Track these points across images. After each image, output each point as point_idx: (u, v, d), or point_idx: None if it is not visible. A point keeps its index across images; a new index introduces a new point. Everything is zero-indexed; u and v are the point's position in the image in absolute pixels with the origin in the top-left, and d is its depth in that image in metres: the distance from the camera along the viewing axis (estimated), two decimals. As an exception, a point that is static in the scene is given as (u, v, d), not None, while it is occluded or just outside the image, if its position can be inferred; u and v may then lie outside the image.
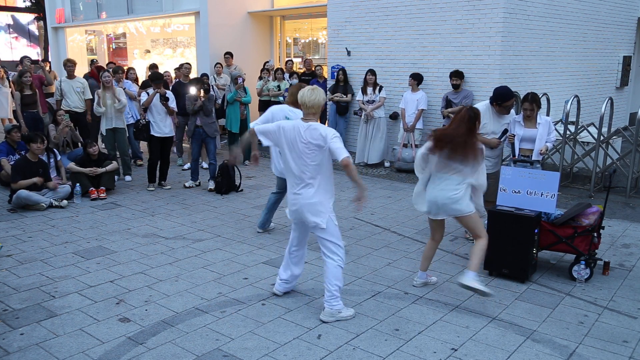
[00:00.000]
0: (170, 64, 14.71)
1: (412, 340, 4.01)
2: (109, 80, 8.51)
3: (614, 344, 3.97)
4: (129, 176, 8.97)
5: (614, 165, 8.14)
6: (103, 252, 5.74)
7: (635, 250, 5.89)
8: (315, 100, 4.17)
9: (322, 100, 4.20)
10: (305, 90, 4.22)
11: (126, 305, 4.50)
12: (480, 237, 4.58)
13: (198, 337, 4.01)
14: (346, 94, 10.73)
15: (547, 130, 5.88)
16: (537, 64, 9.81)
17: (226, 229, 6.53)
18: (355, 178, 4.17)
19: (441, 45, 9.58)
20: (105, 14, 16.41)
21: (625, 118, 13.22)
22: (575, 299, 4.71)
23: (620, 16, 12.08)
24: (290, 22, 14.47)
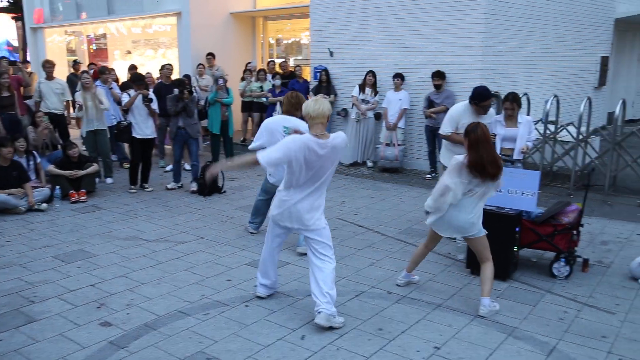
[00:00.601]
0: (151, 65, 14.60)
1: (396, 339, 4.03)
2: (88, 81, 8.42)
3: (593, 340, 4.03)
4: (110, 178, 8.88)
5: (593, 163, 8.26)
6: (84, 255, 5.67)
7: (614, 247, 5.98)
8: (320, 110, 4.05)
9: (327, 109, 4.08)
10: (309, 102, 4.10)
11: (107, 309, 4.46)
12: (488, 260, 4.49)
13: (181, 340, 3.98)
14: (329, 94, 10.74)
15: (528, 129, 5.95)
16: (518, 64, 9.91)
17: (209, 231, 6.50)
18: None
19: (423, 45, 9.64)
20: (85, 15, 16.23)
21: (603, 117, 13.43)
22: (555, 296, 4.77)
23: (598, 17, 12.26)
24: (273, 23, 14.45)
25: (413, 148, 9.97)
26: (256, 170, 9.75)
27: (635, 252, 5.60)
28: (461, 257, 5.57)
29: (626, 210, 7.40)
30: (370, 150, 10.19)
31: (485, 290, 4.43)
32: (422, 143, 9.57)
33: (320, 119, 4.08)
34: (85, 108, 8.35)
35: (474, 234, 4.47)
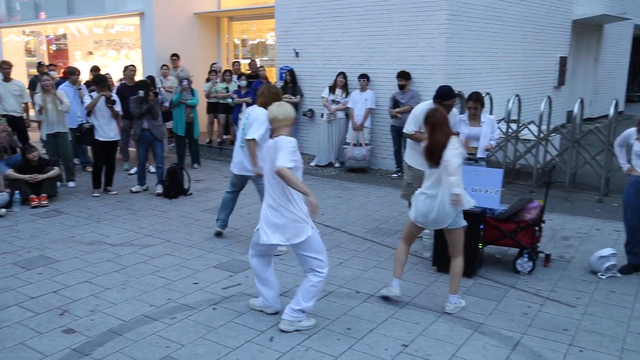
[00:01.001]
0: (114, 66, 14.34)
1: (364, 338, 4.05)
2: (49, 84, 8.22)
3: (555, 333, 4.13)
4: (73, 182, 8.69)
5: (553, 161, 8.46)
6: (45, 261, 5.53)
7: (574, 243, 6.14)
8: (287, 113, 4.15)
9: (292, 112, 4.20)
10: (274, 107, 4.16)
11: (71, 316, 4.36)
12: (459, 256, 4.48)
13: (147, 345, 3.92)
14: (295, 95, 10.75)
15: (491, 128, 6.06)
16: (480, 64, 10.09)
17: (175, 234, 6.42)
18: (296, 186, 3.99)
19: (388, 46, 9.73)
20: (44, 14, 15.83)
21: (563, 116, 13.77)
22: (519, 291, 4.87)
23: (556, 19, 12.58)
24: (238, 24, 14.35)
25: (379, 148, 10.04)
26: (223, 172, 9.68)
27: (595, 247, 5.76)
28: (427, 255, 5.64)
29: (586, 206, 7.61)
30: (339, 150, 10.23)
31: (452, 287, 4.48)
32: (388, 143, 9.65)
33: (287, 122, 4.16)
34: (45, 110, 8.15)
35: (447, 225, 4.40)
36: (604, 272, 5.16)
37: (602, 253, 5.21)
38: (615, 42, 16.61)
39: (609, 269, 5.16)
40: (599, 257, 5.20)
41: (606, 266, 5.15)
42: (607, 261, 5.16)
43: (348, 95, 9.96)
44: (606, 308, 4.56)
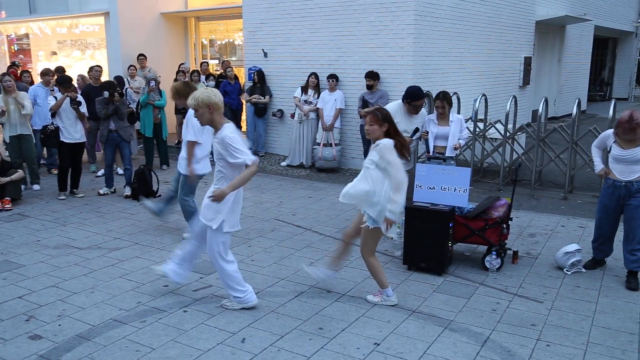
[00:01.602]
0: (79, 67, 14.06)
1: (336, 337, 4.07)
2: (10, 85, 8.01)
3: (523, 328, 4.22)
4: (37, 185, 8.49)
5: (519, 159, 8.63)
6: (9, 266, 5.39)
7: (540, 239, 6.27)
8: (221, 98, 4.22)
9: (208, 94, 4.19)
10: (209, 93, 4.15)
11: (37, 322, 4.27)
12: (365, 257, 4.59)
13: (117, 350, 3.86)
14: (264, 95, 10.72)
15: (460, 127, 6.15)
16: (448, 64, 10.22)
17: (144, 236, 6.34)
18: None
19: (356, 46, 9.78)
20: (5, 13, 15.43)
21: (528, 115, 14.06)
22: (488, 288, 4.96)
23: (520, 20, 12.83)
24: (205, 24, 14.24)
25: (349, 147, 10.09)
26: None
27: (560, 243, 5.90)
28: (398, 254, 5.69)
29: (551, 204, 7.78)
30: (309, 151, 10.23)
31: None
32: (358, 142, 9.71)
33: (222, 108, 4.24)
34: (7, 112, 7.95)
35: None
36: (569, 267, 5.29)
37: (568, 249, 5.33)
38: (577, 42, 17.04)
39: (574, 264, 5.29)
40: (565, 253, 5.33)
41: (571, 262, 5.28)
42: (572, 257, 5.29)
43: (319, 95, 9.98)
44: (572, 303, 4.67)
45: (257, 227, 6.72)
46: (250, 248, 5.98)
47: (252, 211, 7.40)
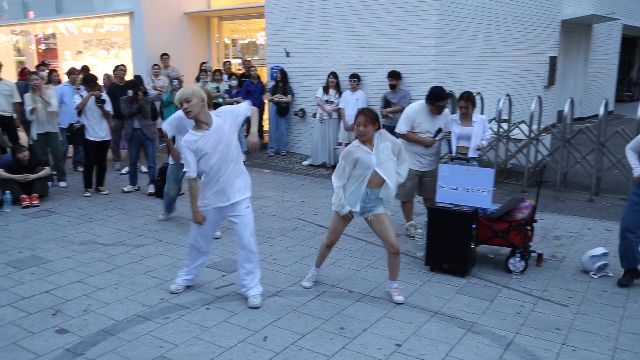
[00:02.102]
0: (104, 66, 14.26)
1: (357, 337, 4.06)
2: (37, 83, 8.15)
3: (548, 332, 4.16)
4: (64, 182, 8.63)
5: (544, 160, 8.52)
6: (37, 261, 5.49)
7: (566, 242, 6.18)
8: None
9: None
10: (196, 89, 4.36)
11: (63, 316, 4.34)
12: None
13: (141, 345, 3.91)
14: (286, 94, 10.75)
15: (483, 128, 6.08)
16: (471, 64, 10.13)
17: (167, 234, 6.40)
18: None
19: (378, 46, 9.74)
20: (33, 14, 15.71)
21: (553, 116, 13.88)
22: (512, 291, 4.90)
23: (546, 19, 12.67)
24: (228, 23, 14.32)
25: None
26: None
27: (586, 246, 5.81)
28: (420, 255, 5.66)
29: (577, 206, 7.67)
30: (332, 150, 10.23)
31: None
32: (380, 142, 9.66)
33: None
34: (35, 110, 8.09)
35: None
36: (595, 271, 5.20)
37: (594, 252, 5.24)
38: (605, 42, 16.75)
39: (600, 268, 5.20)
40: (591, 257, 5.24)
41: (598, 265, 5.19)
42: (598, 260, 5.20)
43: (341, 94, 9.97)
44: (598, 307, 4.59)
45: (279, 226, 6.74)
46: (272, 247, 6.00)
47: (274, 210, 7.42)
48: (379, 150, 4.45)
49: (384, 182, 4.47)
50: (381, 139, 4.49)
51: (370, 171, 4.43)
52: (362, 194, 4.49)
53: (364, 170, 4.44)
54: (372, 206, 4.54)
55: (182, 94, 4.29)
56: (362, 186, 4.47)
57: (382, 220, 4.56)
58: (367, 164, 4.42)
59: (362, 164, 4.43)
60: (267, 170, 10.13)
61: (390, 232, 4.55)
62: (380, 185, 4.48)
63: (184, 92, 4.28)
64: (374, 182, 4.47)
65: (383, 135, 4.51)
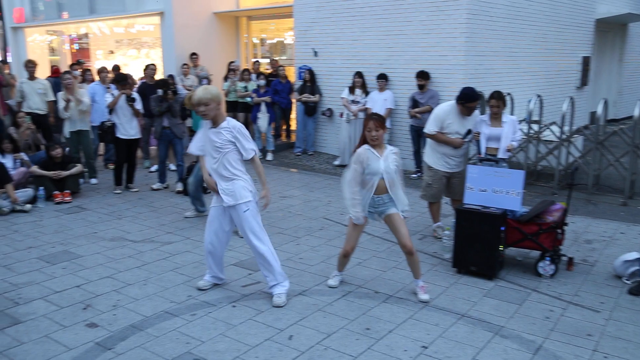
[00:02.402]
0: (135, 65, 14.48)
1: (383, 339, 4.04)
2: (70, 82, 8.32)
3: (578, 338, 4.08)
4: (95, 179, 8.80)
5: (576, 163, 8.36)
6: (69, 256, 5.61)
7: (598, 246, 6.05)
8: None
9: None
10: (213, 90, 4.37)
11: (93, 310, 4.42)
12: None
13: (168, 341, 3.96)
14: (314, 94, 10.77)
15: (513, 129, 6.00)
16: (501, 64, 10.00)
17: (195, 231, 6.46)
18: None
19: (407, 45, 9.68)
20: (67, 14, 16.05)
21: (586, 117, 13.60)
22: (541, 295, 4.82)
23: (579, 18, 12.42)
24: (257, 23, 14.41)
25: (398, 148, 9.95)
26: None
27: (619, 251, 5.68)
28: (447, 257, 5.61)
29: (610, 209, 7.50)
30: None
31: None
32: (407, 143, 9.61)
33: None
34: (68, 108, 8.26)
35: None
36: (628, 276, 5.08)
37: (627, 257, 5.12)
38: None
39: (634, 274, 5.06)
40: (624, 262, 5.12)
41: (631, 271, 5.06)
42: (632, 266, 5.07)
43: (367, 94, 9.94)
44: (631, 314, 4.48)
45: (305, 225, 6.75)
46: (298, 246, 6.02)
47: (300, 209, 7.44)
48: (387, 157, 4.53)
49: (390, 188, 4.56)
50: (393, 152, 4.60)
51: (378, 177, 4.50)
52: (370, 200, 4.58)
53: (372, 176, 4.51)
54: (383, 209, 4.63)
55: (200, 97, 4.28)
56: (369, 193, 4.56)
57: (394, 221, 4.63)
58: (375, 169, 4.49)
59: (371, 169, 4.49)
60: (294, 169, 10.16)
61: (403, 232, 4.60)
62: (386, 191, 4.57)
63: (203, 96, 4.28)
64: (381, 187, 4.54)
65: (395, 151, 4.64)
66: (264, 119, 10.68)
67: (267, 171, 9.78)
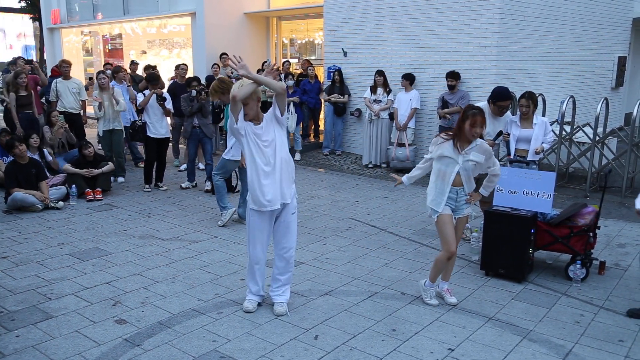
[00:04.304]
0: (166, 65, 14.69)
1: (409, 340, 4.01)
2: (105, 82, 8.48)
3: (610, 344, 3.99)
4: (122, 177, 8.94)
5: (610, 165, 8.17)
6: (99, 253, 5.72)
7: (631, 250, 5.90)
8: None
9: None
10: (255, 86, 4.14)
11: (122, 307, 4.49)
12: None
13: (195, 339, 4.00)
14: (342, 94, 10.76)
15: (543, 130, 5.90)
16: (533, 64, 9.83)
17: (223, 230, 6.52)
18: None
19: (437, 46, 9.60)
20: (101, 15, 16.38)
21: (621, 118, 13.27)
22: (571, 299, 4.73)
23: (615, 17, 12.12)
24: (287, 23, 14.47)
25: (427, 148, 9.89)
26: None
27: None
28: (475, 259, 5.54)
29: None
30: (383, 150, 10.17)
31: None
32: (436, 144, 9.51)
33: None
34: (102, 107, 8.43)
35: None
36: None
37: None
38: (679, 41, 15.88)
39: (668, 278, 4.94)
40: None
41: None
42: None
43: (390, 93, 9.88)
44: (665, 319, 4.36)
45: (332, 225, 6.75)
46: (324, 246, 6.02)
47: (327, 210, 7.44)
48: (469, 155, 4.34)
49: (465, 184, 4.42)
50: (478, 149, 4.36)
51: (455, 169, 4.36)
52: (449, 192, 4.41)
53: (446, 167, 4.39)
54: (462, 207, 4.48)
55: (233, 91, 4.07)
56: (446, 186, 4.40)
57: (460, 225, 4.53)
58: (452, 163, 4.36)
59: (447, 162, 4.38)
60: (321, 169, 10.16)
61: (458, 235, 4.50)
62: (461, 184, 4.42)
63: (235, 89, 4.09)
64: (457, 181, 4.40)
65: (481, 147, 4.37)
66: (292, 119, 10.71)
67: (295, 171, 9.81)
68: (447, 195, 4.40)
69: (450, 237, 4.40)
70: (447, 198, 4.41)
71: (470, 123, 4.25)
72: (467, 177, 4.40)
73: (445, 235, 4.42)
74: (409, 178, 4.79)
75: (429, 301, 4.58)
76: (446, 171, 4.39)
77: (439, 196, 4.44)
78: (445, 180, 4.40)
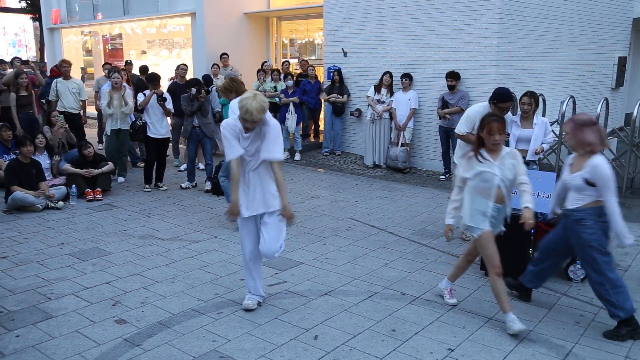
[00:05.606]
0: (166, 65, 14.70)
1: (409, 340, 4.01)
2: (119, 81, 8.46)
3: (610, 344, 3.99)
4: (123, 177, 8.94)
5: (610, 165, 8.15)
6: (99, 253, 5.72)
7: (631, 251, 5.90)
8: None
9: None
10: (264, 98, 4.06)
11: (122, 307, 4.49)
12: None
13: (194, 339, 4.00)
14: (342, 94, 10.75)
15: (544, 130, 5.90)
16: (533, 64, 9.83)
17: (223, 230, 6.52)
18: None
19: (437, 46, 9.60)
20: (101, 15, 16.38)
21: (621, 119, 13.28)
22: (571, 299, 4.73)
23: (615, 17, 12.12)
24: (287, 23, 14.47)
25: (427, 149, 9.93)
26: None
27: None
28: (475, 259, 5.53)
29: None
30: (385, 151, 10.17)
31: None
32: (436, 144, 9.53)
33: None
34: (112, 106, 8.41)
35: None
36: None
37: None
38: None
39: (668, 278, 4.94)
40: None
41: (665, 276, 4.93)
42: (666, 271, 4.94)
43: (392, 94, 9.89)
44: (665, 319, 4.36)
45: (332, 225, 6.75)
46: (324, 246, 6.02)
47: (327, 210, 7.44)
48: (504, 164, 4.14)
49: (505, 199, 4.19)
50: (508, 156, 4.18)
51: (495, 184, 4.12)
52: (491, 209, 4.17)
53: (485, 182, 4.14)
54: (497, 223, 4.27)
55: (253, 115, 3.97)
56: (489, 202, 4.16)
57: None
58: (490, 176, 4.13)
59: (484, 177, 4.14)
60: (321, 169, 10.17)
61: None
62: (502, 201, 4.19)
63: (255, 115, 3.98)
64: (498, 196, 4.16)
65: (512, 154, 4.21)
66: (292, 120, 10.71)
67: (295, 171, 9.83)
68: (490, 212, 4.18)
69: (496, 255, 4.20)
70: (490, 216, 4.19)
71: (487, 131, 4.10)
72: (507, 190, 4.18)
73: (490, 253, 4.21)
74: (454, 217, 4.36)
75: (447, 300, 4.63)
76: (485, 186, 4.16)
77: (479, 213, 4.19)
78: (487, 195, 4.17)
